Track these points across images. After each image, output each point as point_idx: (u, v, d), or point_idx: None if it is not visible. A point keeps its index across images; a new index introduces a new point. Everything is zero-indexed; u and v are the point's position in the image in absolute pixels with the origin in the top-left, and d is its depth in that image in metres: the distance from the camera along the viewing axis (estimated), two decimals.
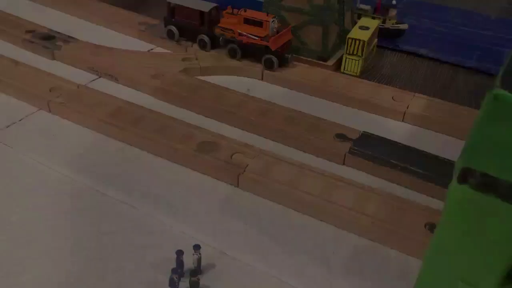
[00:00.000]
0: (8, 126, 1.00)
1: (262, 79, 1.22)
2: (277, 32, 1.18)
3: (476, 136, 0.59)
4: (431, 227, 0.77)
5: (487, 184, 0.56)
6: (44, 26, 1.36)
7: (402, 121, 1.09)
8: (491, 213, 0.57)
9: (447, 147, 1.02)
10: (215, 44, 1.27)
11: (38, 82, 1.10)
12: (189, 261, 0.70)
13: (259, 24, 1.16)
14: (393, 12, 1.44)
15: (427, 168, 0.90)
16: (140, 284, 0.69)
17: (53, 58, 1.25)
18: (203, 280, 0.69)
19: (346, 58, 1.24)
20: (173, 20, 1.30)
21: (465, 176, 0.57)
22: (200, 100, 1.09)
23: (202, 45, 1.27)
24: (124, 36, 1.40)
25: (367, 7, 1.44)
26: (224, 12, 1.22)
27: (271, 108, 1.07)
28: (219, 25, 1.21)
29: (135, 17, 1.46)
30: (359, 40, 1.20)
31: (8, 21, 1.38)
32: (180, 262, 0.68)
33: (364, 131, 1.00)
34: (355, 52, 1.22)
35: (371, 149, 0.95)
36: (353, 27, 1.28)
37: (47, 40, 1.29)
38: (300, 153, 0.98)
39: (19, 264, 0.71)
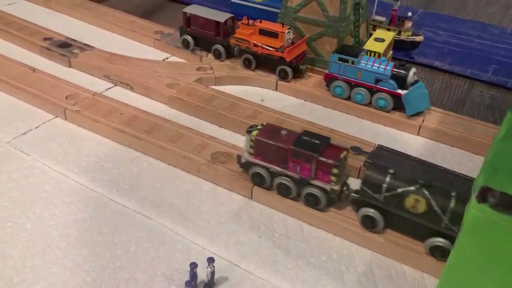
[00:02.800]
0: (25, 133, 1.01)
1: (276, 89, 1.22)
2: (292, 43, 1.19)
3: (496, 155, 0.59)
4: None
5: (507, 204, 0.55)
6: (61, 33, 1.38)
7: (418, 134, 1.08)
8: (510, 233, 0.56)
9: (463, 161, 1.01)
10: (229, 54, 1.28)
11: (54, 89, 1.12)
12: (202, 274, 0.70)
13: (274, 35, 1.17)
14: (408, 24, 1.43)
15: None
16: None
17: (70, 66, 1.27)
18: None
19: None
20: (189, 29, 1.31)
21: (484, 195, 0.56)
22: (214, 110, 1.09)
23: (217, 55, 1.28)
24: (140, 45, 1.41)
25: (383, 19, 1.44)
26: (239, 22, 1.22)
27: (285, 119, 1.07)
28: (234, 35, 1.22)
29: (151, 26, 1.47)
30: (374, 52, 1.20)
31: (26, 28, 1.40)
32: (193, 274, 0.68)
33: (379, 145, 0.99)
34: None
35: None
36: (368, 38, 1.28)
37: (63, 48, 1.30)
38: None
39: (34, 272, 0.72)
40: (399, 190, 0.72)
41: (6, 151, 0.95)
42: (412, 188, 0.72)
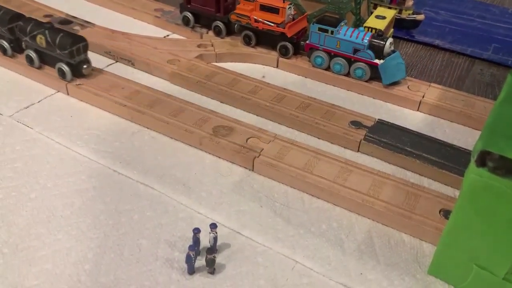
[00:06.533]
0: (27, 107, 1.02)
1: (277, 66, 1.22)
2: (293, 19, 1.18)
3: (495, 118, 0.59)
4: (446, 213, 0.78)
5: (505, 168, 0.56)
6: (61, 11, 1.37)
7: (417, 110, 1.09)
8: (508, 197, 0.57)
9: (462, 136, 1.02)
10: (230, 31, 1.28)
11: None
12: (205, 240, 0.71)
13: (275, 10, 1.16)
14: (409, 3, 1.43)
15: (441, 156, 0.90)
16: (157, 261, 0.70)
17: None
18: (219, 258, 0.70)
19: None
20: (189, 6, 1.30)
21: (483, 159, 0.57)
22: (215, 86, 1.09)
23: (217, 32, 1.28)
24: (140, 23, 1.41)
25: None
26: None
27: (286, 95, 1.07)
28: (235, 11, 1.22)
29: (151, 4, 1.46)
30: (375, 29, 1.20)
31: (26, 5, 1.39)
32: (196, 240, 0.69)
33: (379, 119, 1.00)
34: None
35: (386, 137, 0.95)
36: (369, 16, 1.28)
37: (64, 25, 1.30)
38: (314, 139, 0.98)
39: (39, 239, 0.73)
40: (34, 32, 1.03)
41: (9, 124, 0.96)
42: (39, 30, 1.03)
